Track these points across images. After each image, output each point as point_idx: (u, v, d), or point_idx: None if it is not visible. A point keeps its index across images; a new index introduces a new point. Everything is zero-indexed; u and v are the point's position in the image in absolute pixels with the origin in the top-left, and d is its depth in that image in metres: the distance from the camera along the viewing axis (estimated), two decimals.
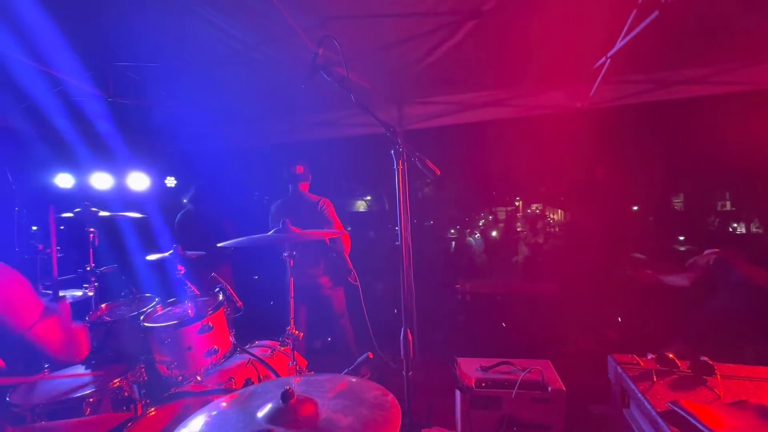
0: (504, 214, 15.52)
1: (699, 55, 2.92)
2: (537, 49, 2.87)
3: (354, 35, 2.58)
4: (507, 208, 16.07)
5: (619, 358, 1.55)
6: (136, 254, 2.93)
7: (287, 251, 1.91)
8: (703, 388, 1.27)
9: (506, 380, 2.11)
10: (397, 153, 1.60)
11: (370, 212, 12.79)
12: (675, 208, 8.88)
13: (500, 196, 15.25)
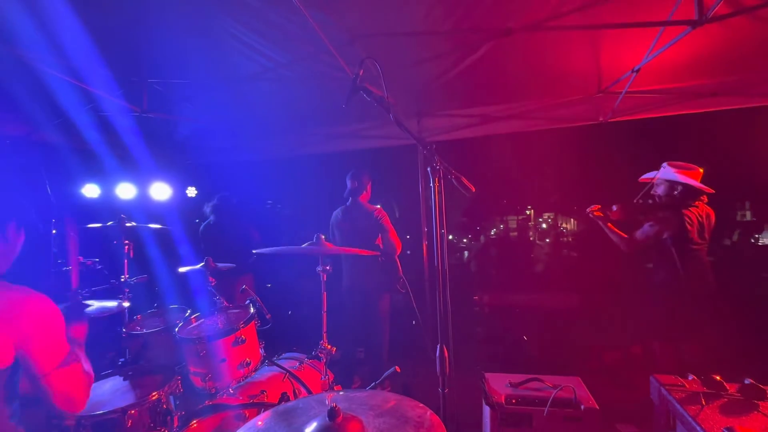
0: (515, 223, 15.40)
1: (724, 69, 2.91)
2: (559, 63, 2.91)
3: (379, 52, 2.62)
4: (518, 217, 15.95)
5: (662, 379, 1.53)
6: (162, 265, 3.00)
7: (321, 265, 1.93)
8: (756, 413, 1.24)
9: (537, 397, 2.09)
10: (433, 170, 1.62)
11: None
12: None
13: (511, 205, 15.17)
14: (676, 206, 2.48)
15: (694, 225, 2.46)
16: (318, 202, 7.33)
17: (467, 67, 2.89)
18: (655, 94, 3.16)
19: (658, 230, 2.50)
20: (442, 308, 1.64)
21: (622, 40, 2.57)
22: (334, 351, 1.93)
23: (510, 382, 2.23)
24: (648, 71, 2.80)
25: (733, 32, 2.40)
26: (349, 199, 3.22)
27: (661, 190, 2.59)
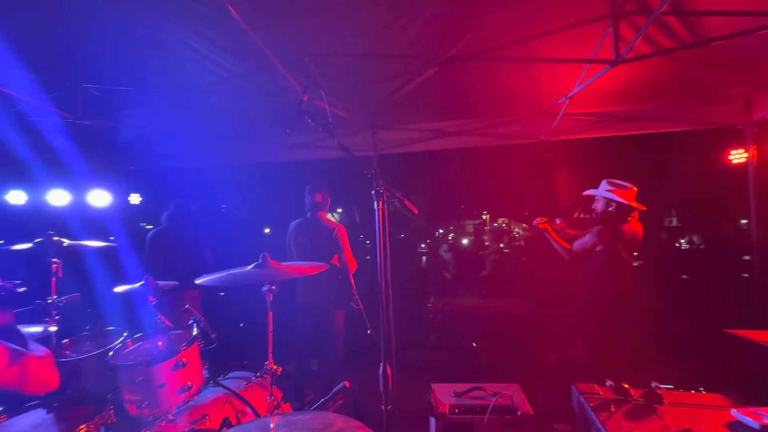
0: (472, 227, 15.95)
1: (645, 98, 3.25)
2: (503, 86, 3.10)
3: (332, 68, 2.66)
4: (475, 222, 16.55)
5: (581, 388, 1.68)
6: (100, 283, 2.81)
7: (267, 285, 1.92)
8: (654, 417, 1.41)
9: (478, 405, 2.20)
10: (377, 193, 1.67)
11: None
12: None
13: (468, 210, 15.70)
14: (610, 221, 2.72)
15: (624, 239, 2.72)
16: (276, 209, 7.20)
17: (419, 86, 3.01)
18: (588, 117, 3.45)
19: (593, 242, 2.73)
20: (385, 327, 1.69)
21: (557, 70, 2.80)
22: (280, 371, 1.92)
23: (454, 391, 2.33)
24: (581, 97, 3.06)
25: (650, 67, 2.69)
26: (308, 213, 3.18)
27: (599, 205, 2.83)
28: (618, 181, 2.73)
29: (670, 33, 2.35)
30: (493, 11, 2.15)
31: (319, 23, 2.23)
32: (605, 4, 2.05)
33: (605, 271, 2.72)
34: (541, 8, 2.14)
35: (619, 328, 2.80)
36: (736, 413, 1.36)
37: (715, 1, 2.07)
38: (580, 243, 2.80)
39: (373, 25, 2.26)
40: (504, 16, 2.19)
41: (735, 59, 2.68)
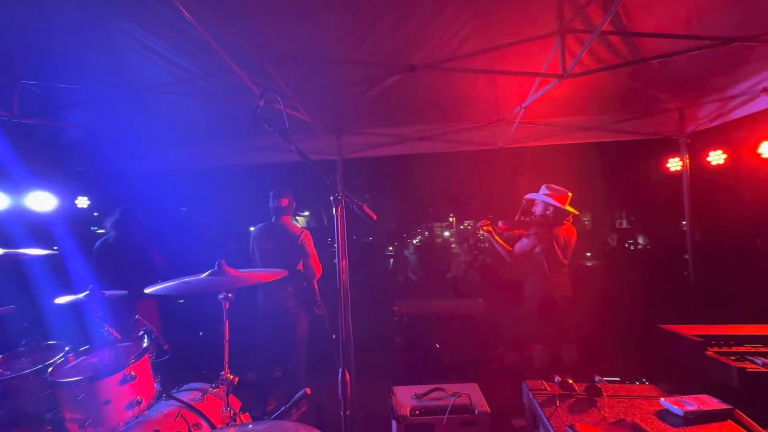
0: (440, 230, 16.24)
1: (594, 109, 3.48)
2: (463, 94, 3.21)
3: (295, 72, 2.64)
4: (442, 224, 16.87)
5: (531, 385, 1.77)
6: (41, 294, 2.61)
7: (223, 293, 1.87)
8: (593, 410, 1.51)
9: (438, 406, 2.25)
10: (335, 200, 1.68)
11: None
12: (585, 226, 10.15)
13: (436, 213, 15.98)
14: (548, 224, 2.88)
15: (560, 241, 2.88)
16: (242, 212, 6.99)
17: (383, 91, 3.04)
18: (542, 126, 3.64)
19: (532, 244, 2.88)
20: (344, 332, 1.70)
21: (513, 81, 2.94)
22: (237, 381, 1.87)
23: (415, 393, 2.37)
24: (536, 107, 3.22)
25: (597, 81, 2.89)
26: (273, 217, 3.11)
27: (538, 209, 2.99)
28: (555, 186, 2.90)
29: (614, 50, 2.53)
30: (450, 25, 2.23)
31: (279, 27, 2.21)
32: (553, 22, 2.18)
33: (544, 272, 2.87)
34: (495, 23, 2.24)
35: (564, 325, 2.97)
36: (664, 402, 1.49)
37: (652, 24, 2.26)
38: (520, 245, 2.94)
39: (335, 32, 2.27)
40: (461, 29, 2.28)
41: (670, 76, 2.93)
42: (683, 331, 1.88)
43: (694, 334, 1.82)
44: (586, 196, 8.01)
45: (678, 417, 1.42)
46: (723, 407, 1.43)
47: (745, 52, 2.45)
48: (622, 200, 8.81)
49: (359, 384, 3.79)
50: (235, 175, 6.40)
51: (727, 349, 1.74)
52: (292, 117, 3.19)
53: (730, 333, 1.83)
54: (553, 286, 2.93)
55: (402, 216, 14.18)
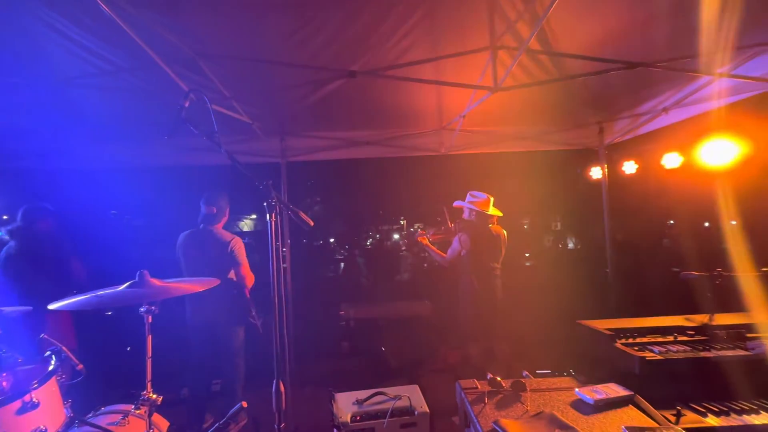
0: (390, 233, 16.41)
1: (527, 120, 3.73)
2: (407, 101, 3.29)
3: (232, 72, 2.53)
4: (393, 227, 17.07)
5: (463, 384, 1.85)
6: None
7: (145, 306, 1.73)
8: (518, 404, 1.61)
9: (379, 410, 2.26)
10: (269, 206, 1.63)
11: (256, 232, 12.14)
12: (524, 229, 10.84)
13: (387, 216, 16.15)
14: (472, 228, 3.04)
15: (486, 244, 3.05)
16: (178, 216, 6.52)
17: (328, 95, 3.01)
18: (481, 135, 3.83)
19: (458, 249, 3.02)
20: (278, 343, 1.65)
21: (454, 91, 3.06)
22: (161, 400, 1.74)
23: (357, 399, 2.36)
24: (475, 116, 3.38)
25: (529, 95, 3.10)
26: (201, 224, 2.93)
27: (465, 214, 3.15)
28: (477, 192, 3.08)
29: (543, 67, 2.74)
30: (391, 34, 2.27)
31: (213, 23, 2.11)
32: (487, 37, 2.30)
33: (472, 274, 3.03)
34: (434, 35, 2.32)
35: (496, 324, 3.14)
36: (578, 392, 1.63)
37: (575, 46, 2.46)
38: (451, 250, 3.09)
39: (275, 33, 2.21)
40: (402, 38, 2.32)
41: (591, 94, 3.23)
42: (597, 325, 2.07)
43: (605, 328, 2.01)
44: (524, 201, 8.55)
45: (589, 405, 1.56)
46: (626, 394, 1.60)
47: (649, 75, 2.77)
48: (557, 204, 9.54)
49: (304, 392, 3.71)
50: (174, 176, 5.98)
51: (632, 340, 1.94)
52: (230, 118, 3.05)
53: (635, 326, 2.05)
54: (482, 287, 3.07)
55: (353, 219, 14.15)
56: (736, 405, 1.61)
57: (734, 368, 1.72)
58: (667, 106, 3.18)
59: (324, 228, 13.98)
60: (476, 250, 3.01)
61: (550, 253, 9.77)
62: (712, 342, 1.89)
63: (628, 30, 2.32)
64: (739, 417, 1.55)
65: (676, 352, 1.79)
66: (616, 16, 2.21)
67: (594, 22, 2.28)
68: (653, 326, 2.04)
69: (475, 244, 3.01)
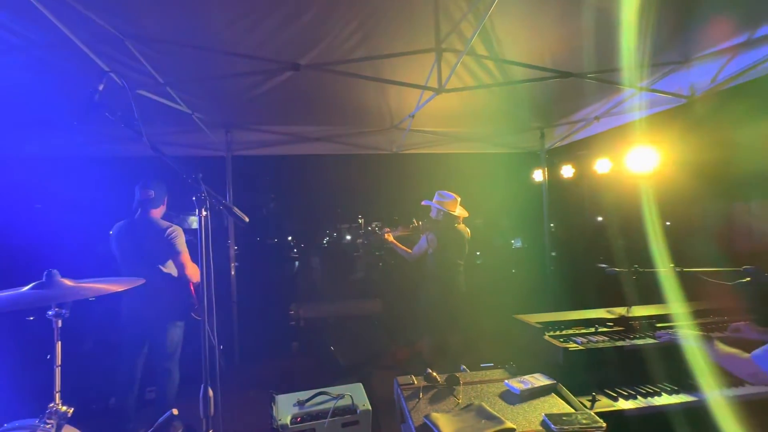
0: (348, 231, 16.32)
1: (476, 123, 3.86)
2: (359, 98, 3.27)
3: (168, 57, 2.36)
4: (351, 225, 16.98)
5: (400, 380, 1.87)
6: None
7: (54, 309, 1.57)
8: (451, 397, 1.65)
9: (320, 411, 2.23)
10: (199, 200, 1.54)
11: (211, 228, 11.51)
12: (477, 229, 11.24)
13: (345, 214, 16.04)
14: (438, 228, 3.12)
15: (452, 242, 3.14)
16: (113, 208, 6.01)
17: (276, 88, 2.92)
18: (431, 135, 3.90)
19: (425, 247, 3.09)
20: (206, 346, 1.57)
21: (404, 90, 3.08)
22: (71, 412, 1.59)
23: (298, 400, 2.31)
24: (425, 116, 3.44)
25: (477, 98, 3.21)
26: (137, 212, 2.72)
27: (432, 213, 3.22)
28: (445, 192, 3.16)
29: (488, 72, 2.84)
30: (340, 30, 2.24)
31: (145, 3, 1.95)
32: (432, 39, 2.34)
33: (437, 272, 3.11)
34: (382, 34, 2.32)
35: (452, 320, 3.23)
36: (507, 383, 1.71)
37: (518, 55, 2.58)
38: (417, 247, 3.15)
39: (215, 18, 2.09)
40: (351, 35, 2.30)
41: (533, 100, 3.40)
42: (528, 319, 2.18)
43: (536, 321, 2.13)
44: (477, 201, 8.85)
45: (516, 395, 1.64)
46: (550, 383, 1.70)
47: (582, 86, 2.98)
48: (505, 205, 9.99)
49: (248, 395, 3.58)
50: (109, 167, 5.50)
51: (559, 332, 2.07)
52: (169, 108, 2.86)
53: (563, 319, 2.19)
54: (446, 284, 3.16)
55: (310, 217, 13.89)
56: (643, 389, 1.77)
57: (644, 355, 1.89)
58: (598, 115, 3.43)
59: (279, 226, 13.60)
60: (443, 248, 3.09)
61: (498, 252, 10.22)
62: (628, 332, 2.06)
63: (562, 42, 2.47)
64: (644, 400, 1.70)
65: (596, 343, 1.93)
66: (551, 29, 2.34)
67: (533, 32, 2.39)
68: (578, 319, 2.19)
69: (442, 242, 3.08)
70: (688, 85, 2.71)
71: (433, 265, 3.13)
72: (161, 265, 2.68)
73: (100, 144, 3.56)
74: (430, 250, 3.09)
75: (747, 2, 2.02)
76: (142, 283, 1.77)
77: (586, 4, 2.06)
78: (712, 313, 2.22)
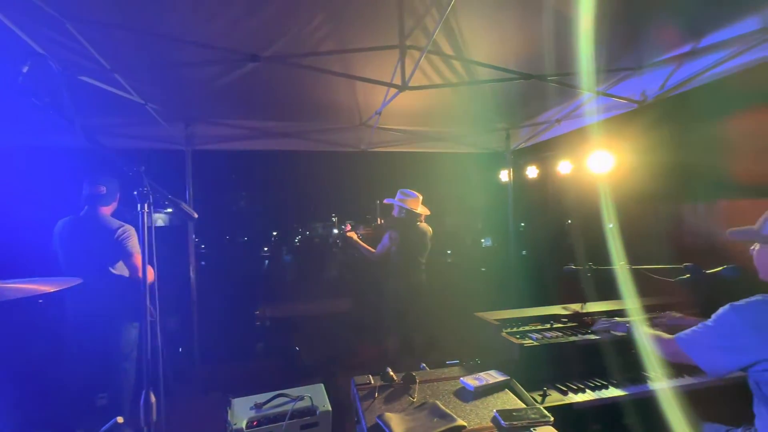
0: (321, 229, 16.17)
1: (443, 122, 3.89)
2: (326, 94, 3.21)
3: (114, 42, 2.22)
4: (325, 223, 16.84)
5: (357, 381, 1.84)
6: None
7: None
8: (406, 396, 1.65)
9: (278, 413, 2.16)
10: (141, 195, 1.45)
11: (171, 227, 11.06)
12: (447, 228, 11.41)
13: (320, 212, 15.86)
14: (401, 225, 3.12)
15: (414, 240, 3.15)
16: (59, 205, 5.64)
17: (239, 81, 2.80)
18: (399, 133, 3.90)
19: (388, 245, 3.08)
20: (149, 349, 1.48)
21: (372, 87, 3.05)
22: None
23: (255, 403, 2.24)
24: (392, 114, 3.42)
25: (444, 97, 3.21)
26: (84, 208, 2.55)
27: (395, 212, 3.21)
28: (408, 191, 3.17)
29: (455, 72, 2.85)
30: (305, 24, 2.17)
31: None
32: (395, 36, 2.32)
33: (400, 269, 3.12)
34: (347, 29, 2.28)
35: (416, 318, 3.24)
36: (462, 380, 1.72)
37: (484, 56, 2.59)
38: (380, 246, 3.14)
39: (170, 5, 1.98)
40: (317, 29, 2.24)
41: (498, 101, 3.46)
42: (488, 316, 2.21)
43: (495, 318, 2.16)
44: (449, 200, 8.97)
45: (470, 392, 1.65)
46: (503, 379, 1.73)
47: (544, 88, 3.05)
48: (477, 204, 10.19)
49: (209, 399, 3.45)
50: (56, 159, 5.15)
51: (516, 329, 2.11)
52: (116, 97, 2.69)
53: (520, 316, 2.23)
54: (409, 283, 3.17)
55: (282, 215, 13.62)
56: (593, 382, 1.83)
57: (596, 350, 1.96)
58: (560, 117, 3.54)
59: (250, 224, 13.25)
60: (405, 246, 3.10)
61: (469, 251, 10.42)
62: (581, 327, 2.13)
63: (525, 45, 2.51)
64: (594, 393, 1.76)
65: (550, 338, 1.98)
66: (514, 32, 2.37)
67: (497, 34, 2.42)
68: (535, 315, 2.24)
69: (405, 240, 3.10)
70: (640, 90, 2.83)
71: (395, 262, 3.13)
72: (111, 267, 2.53)
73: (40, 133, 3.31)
74: (393, 248, 3.09)
75: (691, 15, 2.13)
76: (78, 283, 1.65)
77: (546, 9, 2.10)
78: (659, 308, 2.33)
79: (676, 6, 2.05)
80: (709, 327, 1.31)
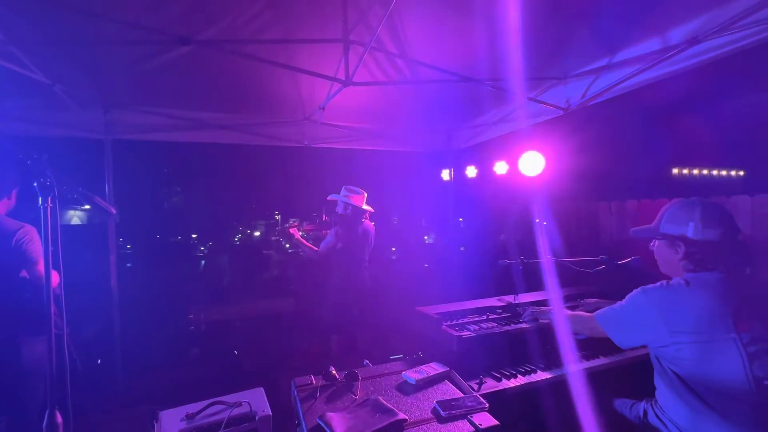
0: (263, 227, 15.53)
1: (386, 120, 3.92)
2: (268, 86, 3.06)
3: (22, 15, 1.91)
4: (268, 221, 16.19)
5: (297, 382, 1.79)
6: None
7: None
8: (349, 394, 1.63)
9: (213, 422, 2.03)
10: (43, 187, 1.27)
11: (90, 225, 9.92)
12: (393, 225, 11.58)
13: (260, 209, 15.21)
14: (347, 222, 3.09)
15: (359, 238, 3.14)
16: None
17: (169, 65, 2.56)
18: (342, 129, 3.86)
19: (333, 242, 3.04)
20: (55, 361, 1.31)
21: (316, 81, 2.97)
22: None
23: (187, 413, 2.07)
24: (336, 110, 3.37)
25: (389, 95, 3.23)
26: None
27: (339, 209, 3.17)
28: (353, 187, 3.15)
29: (398, 70, 2.88)
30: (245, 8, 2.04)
31: None
32: (340, 30, 2.29)
33: (344, 267, 3.09)
34: (290, 18, 2.18)
35: (361, 315, 3.24)
36: (404, 374, 1.75)
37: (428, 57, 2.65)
38: (324, 243, 3.09)
39: None
40: (256, 16, 2.12)
41: (441, 101, 3.56)
42: (429, 311, 2.28)
43: (435, 312, 2.23)
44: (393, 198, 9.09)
45: (411, 385, 1.69)
46: (443, 370, 1.79)
47: (482, 92, 3.20)
48: (422, 201, 10.46)
49: (134, 412, 3.14)
50: None
51: (455, 322, 2.20)
52: (16, 74, 2.32)
53: (459, 309, 2.33)
54: (352, 280, 3.15)
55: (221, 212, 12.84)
56: (522, 368, 1.97)
57: (526, 337, 2.11)
58: (495, 120, 3.75)
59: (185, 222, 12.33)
60: (350, 243, 3.06)
61: (413, 247, 10.68)
62: (514, 318, 2.28)
63: (463, 49, 2.62)
64: (524, 377, 1.90)
65: (486, 329, 2.09)
66: (452, 34, 2.46)
67: (438, 35, 2.48)
68: (472, 308, 2.35)
69: (350, 237, 3.05)
70: (565, 98, 3.09)
71: (339, 260, 3.10)
72: (9, 276, 2.17)
73: None
74: (339, 245, 3.05)
75: (607, 32, 2.37)
76: None
77: (481, 17, 2.20)
78: (580, 296, 2.58)
79: (594, 22, 2.26)
80: (622, 306, 1.48)
